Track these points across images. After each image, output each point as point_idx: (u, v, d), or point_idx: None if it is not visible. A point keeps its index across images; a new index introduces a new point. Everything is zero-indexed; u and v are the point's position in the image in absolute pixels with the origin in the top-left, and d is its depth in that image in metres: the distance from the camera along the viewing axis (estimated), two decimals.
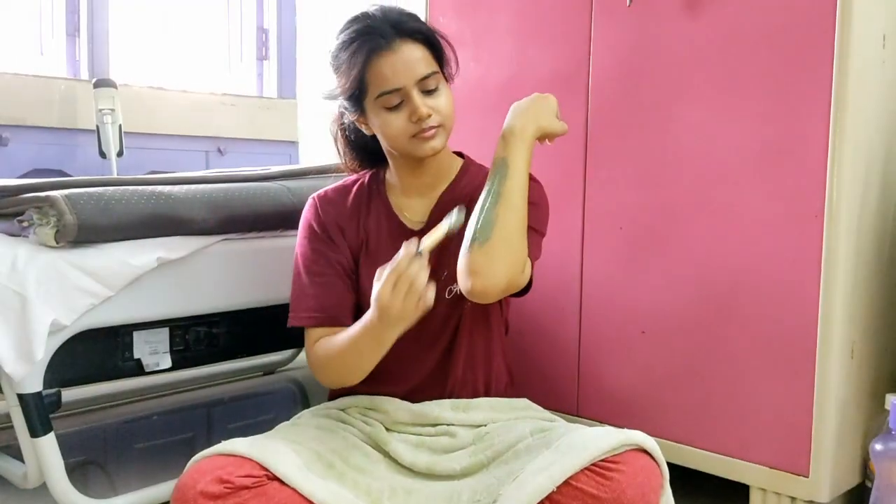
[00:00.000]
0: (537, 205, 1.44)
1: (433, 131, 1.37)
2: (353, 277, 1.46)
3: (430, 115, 1.36)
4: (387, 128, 1.38)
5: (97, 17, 2.91)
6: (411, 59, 1.35)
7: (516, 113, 1.39)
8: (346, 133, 1.53)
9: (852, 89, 1.45)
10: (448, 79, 1.44)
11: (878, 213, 1.59)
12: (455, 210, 1.28)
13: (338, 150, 1.57)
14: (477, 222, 1.30)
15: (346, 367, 1.36)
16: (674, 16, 1.66)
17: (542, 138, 1.42)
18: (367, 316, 1.28)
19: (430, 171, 1.46)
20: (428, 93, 1.37)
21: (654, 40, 1.69)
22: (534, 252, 1.40)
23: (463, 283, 1.30)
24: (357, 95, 1.39)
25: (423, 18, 2.06)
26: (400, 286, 1.20)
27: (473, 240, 1.29)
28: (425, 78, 1.36)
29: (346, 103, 1.43)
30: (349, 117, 1.46)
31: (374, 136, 1.45)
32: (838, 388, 1.51)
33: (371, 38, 1.34)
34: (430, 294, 1.22)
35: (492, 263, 1.27)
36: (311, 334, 1.42)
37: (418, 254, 1.21)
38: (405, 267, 1.20)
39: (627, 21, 1.73)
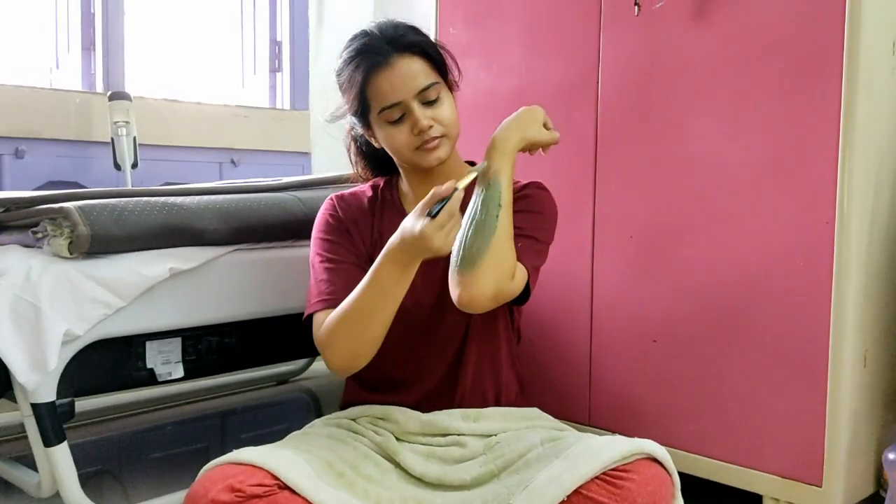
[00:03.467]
0: (541, 213, 1.45)
1: (436, 142, 1.39)
2: (366, 270, 1.46)
3: (431, 127, 1.37)
4: (391, 141, 1.40)
5: (112, 31, 2.94)
6: (409, 72, 1.36)
7: (501, 126, 1.40)
8: (359, 144, 1.55)
9: (862, 96, 1.44)
10: (452, 87, 1.45)
11: (890, 221, 1.58)
12: (479, 165, 1.32)
13: (351, 160, 1.59)
14: (462, 241, 1.30)
15: (360, 321, 1.33)
16: (682, 25, 1.66)
17: (532, 149, 1.43)
18: (391, 248, 1.29)
19: (441, 181, 1.47)
20: (429, 104, 1.38)
21: (662, 50, 1.70)
22: (533, 260, 1.39)
23: (452, 294, 1.31)
24: (361, 112, 1.41)
25: (433, 29, 2.09)
26: (450, 225, 1.23)
27: (461, 259, 1.30)
28: (425, 90, 1.37)
29: (353, 119, 1.46)
30: (359, 131, 1.48)
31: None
32: (851, 396, 1.50)
33: (368, 55, 1.37)
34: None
35: (477, 275, 1.28)
36: (319, 317, 1.40)
37: (457, 190, 1.25)
38: (456, 208, 1.23)
39: (636, 31, 1.73)
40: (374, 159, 1.56)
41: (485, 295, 1.29)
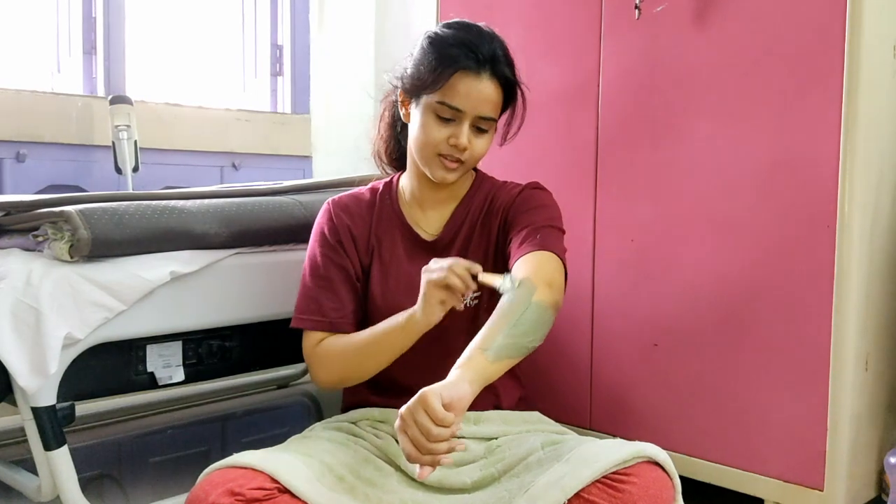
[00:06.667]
0: (549, 206, 1.48)
1: (456, 164, 1.41)
2: (358, 284, 1.49)
3: (465, 150, 1.39)
4: (424, 131, 1.41)
5: (113, 34, 2.94)
6: (486, 96, 1.39)
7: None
8: (394, 119, 1.56)
9: (862, 100, 1.44)
10: (507, 134, 1.49)
11: (891, 224, 1.58)
12: (518, 285, 1.27)
13: (378, 127, 1.60)
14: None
15: (361, 363, 1.42)
16: (683, 29, 1.66)
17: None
18: (407, 311, 1.34)
19: (446, 187, 1.48)
20: (477, 130, 1.41)
21: (663, 54, 1.70)
22: (561, 245, 1.42)
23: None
24: (423, 85, 1.40)
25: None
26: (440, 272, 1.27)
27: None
28: (484, 119, 1.40)
29: (408, 82, 1.44)
30: (400, 94, 1.48)
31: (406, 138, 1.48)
32: (852, 400, 1.50)
33: (471, 54, 1.38)
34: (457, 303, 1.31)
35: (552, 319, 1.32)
36: (310, 336, 1.46)
37: (475, 276, 1.28)
38: (454, 267, 1.27)
39: (637, 35, 1.73)
40: (396, 141, 1.58)
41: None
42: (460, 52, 1.38)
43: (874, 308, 1.54)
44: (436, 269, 1.28)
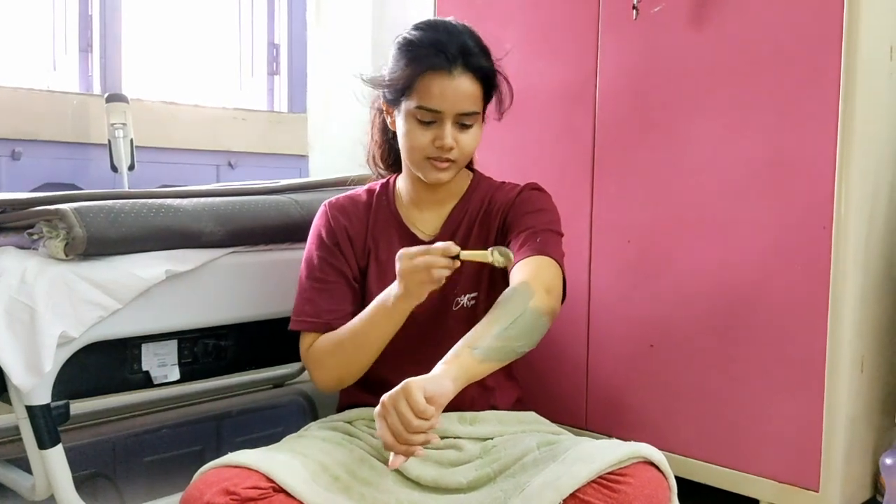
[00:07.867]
0: (547, 210, 1.48)
1: (447, 164, 1.40)
2: (355, 286, 1.49)
3: (451, 149, 1.38)
4: (409, 137, 1.40)
5: (110, 32, 2.94)
6: (463, 91, 1.36)
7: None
8: (385, 123, 1.53)
9: (859, 101, 1.44)
10: (485, 118, 1.46)
11: (887, 226, 1.58)
12: (503, 252, 1.26)
13: (371, 132, 1.59)
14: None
15: (352, 353, 1.40)
16: (680, 30, 1.66)
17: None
18: (390, 294, 1.33)
19: (442, 188, 1.48)
20: (461, 126, 1.39)
21: (661, 54, 1.70)
22: (559, 250, 1.42)
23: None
24: (399, 92, 1.39)
25: None
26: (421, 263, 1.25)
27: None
28: (466, 114, 1.38)
29: (387, 91, 1.43)
30: (382, 103, 1.47)
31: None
32: (848, 402, 1.50)
33: (437, 53, 1.35)
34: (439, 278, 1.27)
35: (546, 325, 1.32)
36: (306, 338, 1.46)
37: (455, 256, 1.25)
38: (433, 251, 1.24)
39: (634, 35, 1.73)
40: (390, 145, 1.57)
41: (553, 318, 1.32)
42: (428, 52, 1.36)
43: (870, 310, 1.54)
44: (415, 255, 1.25)
